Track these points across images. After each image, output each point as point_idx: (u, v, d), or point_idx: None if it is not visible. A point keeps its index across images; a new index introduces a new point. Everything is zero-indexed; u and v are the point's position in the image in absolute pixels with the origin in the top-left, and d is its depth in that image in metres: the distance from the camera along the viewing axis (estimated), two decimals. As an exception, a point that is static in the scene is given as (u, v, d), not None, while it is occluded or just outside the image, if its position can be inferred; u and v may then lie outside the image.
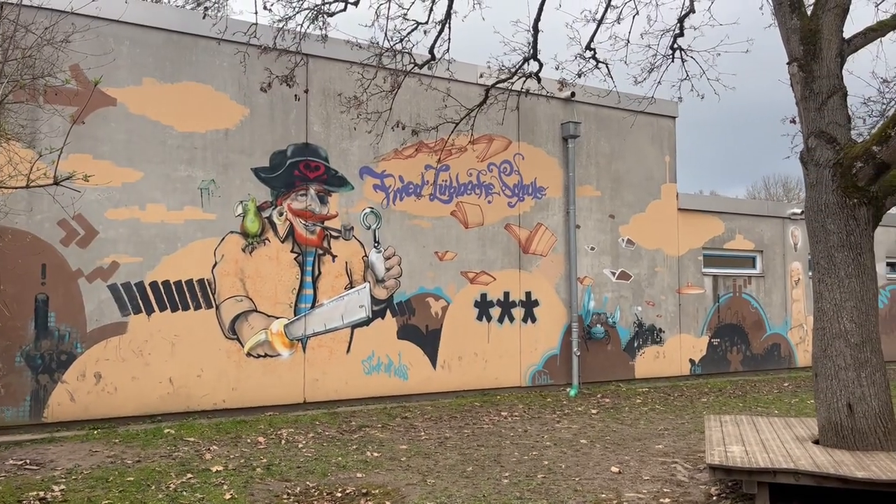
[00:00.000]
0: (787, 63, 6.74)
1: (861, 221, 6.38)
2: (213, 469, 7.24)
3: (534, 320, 12.85)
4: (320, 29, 8.80)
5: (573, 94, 12.86)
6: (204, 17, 8.73)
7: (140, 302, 9.55)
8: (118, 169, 9.43)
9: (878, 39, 6.81)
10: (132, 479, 6.90)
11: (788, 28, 6.69)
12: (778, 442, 6.57)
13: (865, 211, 6.37)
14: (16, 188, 5.44)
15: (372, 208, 11.38)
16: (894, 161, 6.13)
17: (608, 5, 9.59)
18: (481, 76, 11.36)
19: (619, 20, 9.83)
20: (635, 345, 14.09)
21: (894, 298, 18.44)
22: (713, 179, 66.50)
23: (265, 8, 8.05)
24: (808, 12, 6.75)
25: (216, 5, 8.43)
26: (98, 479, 6.90)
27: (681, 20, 9.74)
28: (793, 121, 9.38)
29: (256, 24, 8.63)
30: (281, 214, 10.61)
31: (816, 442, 6.62)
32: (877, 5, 8.99)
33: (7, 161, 6.59)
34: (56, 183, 4.46)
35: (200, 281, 9.97)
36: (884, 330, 17.66)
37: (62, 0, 8.37)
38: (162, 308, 9.69)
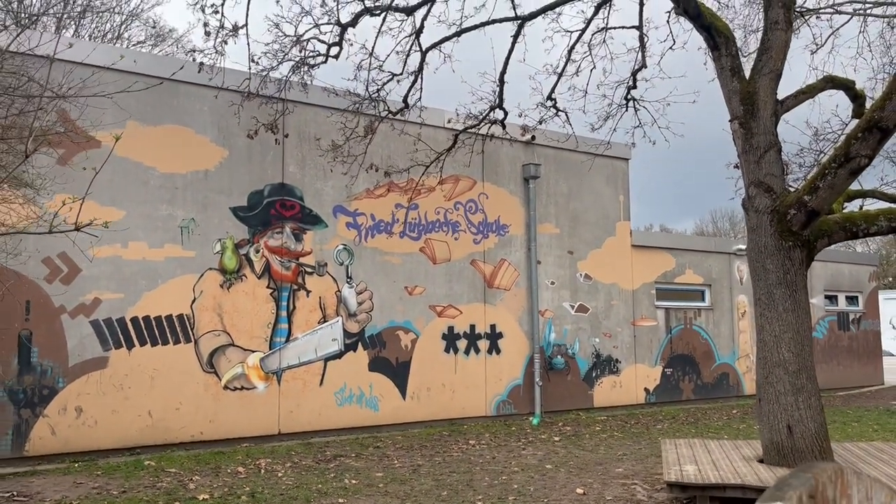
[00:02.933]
0: (730, 120, 7.56)
1: (796, 262, 7.15)
2: (200, 497, 7.55)
3: (498, 352, 13.43)
4: (301, 80, 9.36)
5: (534, 137, 13.65)
6: (199, 71, 9.22)
7: (121, 337, 9.83)
8: (101, 208, 9.75)
9: (808, 100, 7.70)
10: (122, 508, 7.18)
11: (730, 90, 7.52)
12: (727, 461, 7.23)
13: (799, 252, 7.16)
14: (40, 233, 5.80)
15: (345, 245, 11.88)
16: (822, 209, 6.94)
17: (568, 59, 10.39)
18: (449, 121, 12.05)
19: (577, 73, 10.63)
20: (594, 375, 14.77)
21: (833, 329, 19.59)
22: (664, 212, 68.77)
23: (252, 61, 8.59)
24: (747, 76, 7.59)
25: (212, 59, 8.91)
26: (88, 509, 7.16)
27: (634, 74, 10.59)
28: (736, 166, 10.27)
29: (250, 77, 9.15)
30: (257, 251, 11.04)
31: (761, 461, 7.30)
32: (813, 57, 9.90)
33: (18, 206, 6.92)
34: (77, 229, 4.88)
35: (180, 316, 10.30)
36: (825, 359, 18.77)
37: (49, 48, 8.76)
38: (142, 343, 9.98)
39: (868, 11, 16.62)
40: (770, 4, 7.40)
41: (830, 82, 7.91)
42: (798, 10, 14.90)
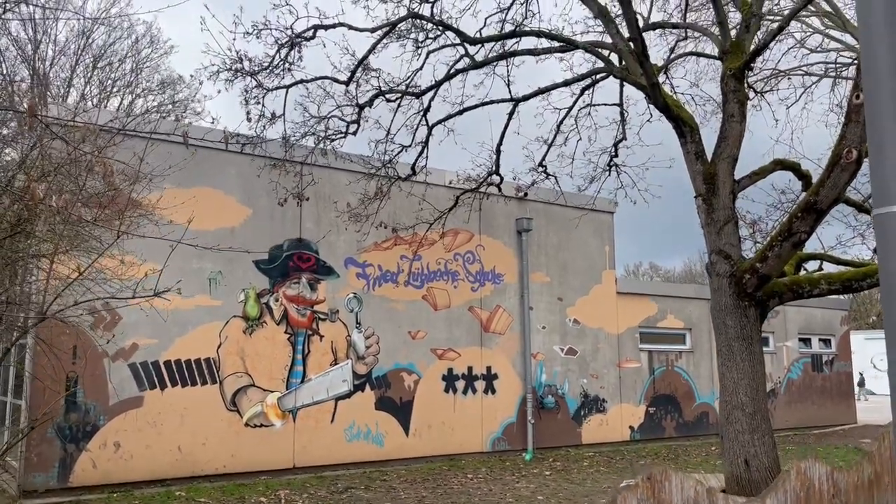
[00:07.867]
0: (694, 197, 8.83)
1: (751, 319, 8.36)
2: (233, 523, 8.59)
3: (493, 392, 14.53)
4: (322, 152, 10.61)
5: (526, 194, 14.96)
6: (242, 151, 10.51)
7: (155, 379, 10.91)
8: (143, 264, 10.88)
9: (760, 181, 8.99)
10: (166, 532, 8.21)
11: (694, 171, 8.80)
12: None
13: (754, 311, 8.37)
14: (124, 298, 6.93)
15: (355, 294, 13.04)
16: (772, 274, 8.17)
17: (557, 132, 11.71)
18: (450, 182, 13.33)
19: (565, 143, 11.96)
20: (582, 413, 15.86)
21: (807, 371, 20.77)
22: (654, 249, 70.33)
23: (285, 139, 9.85)
24: (709, 159, 8.88)
25: (252, 142, 10.18)
26: (136, 533, 8.18)
27: (615, 144, 11.91)
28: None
29: (286, 154, 10.37)
30: (277, 300, 12.18)
31: (724, 491, 8.41)
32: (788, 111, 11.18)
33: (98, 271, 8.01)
34: (156, 294, 6.00)
35: (207, 359, 11.39)
36: (800, 399, 19.92)
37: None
38: (174, 384, 11.05)
39: (839, 73, 18.13)
40: (727, 100, 8.72)
41: (780, 164, 9.20)
42: (773, 70, 16.42)
